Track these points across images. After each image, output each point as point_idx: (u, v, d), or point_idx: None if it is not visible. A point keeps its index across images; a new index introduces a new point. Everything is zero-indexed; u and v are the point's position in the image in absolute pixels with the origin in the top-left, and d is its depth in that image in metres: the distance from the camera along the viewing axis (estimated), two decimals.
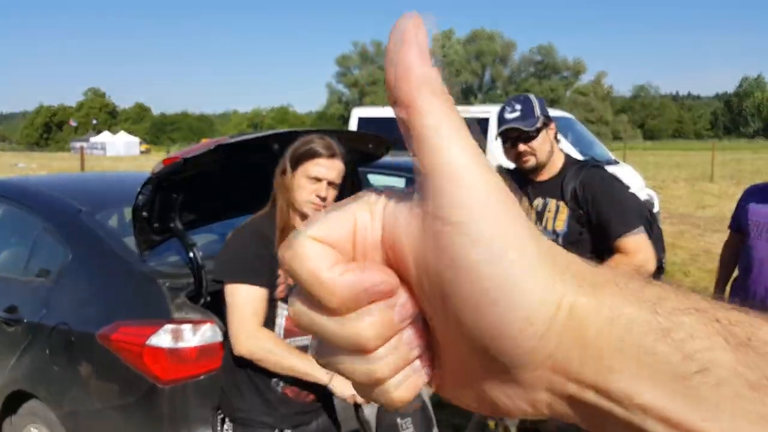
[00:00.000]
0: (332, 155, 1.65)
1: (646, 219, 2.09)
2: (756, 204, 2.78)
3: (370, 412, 1.64)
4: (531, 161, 2.08)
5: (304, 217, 1.65)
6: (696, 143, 55.12)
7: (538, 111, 2.06)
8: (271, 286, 1.62)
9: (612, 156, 10.01)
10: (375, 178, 5.99)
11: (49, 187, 2.89)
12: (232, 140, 1.89)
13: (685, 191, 16.50)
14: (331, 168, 1.65)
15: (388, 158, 6.14)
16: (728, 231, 2.98)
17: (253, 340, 1.55)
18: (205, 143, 1.94)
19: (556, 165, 2.13)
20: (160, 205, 2.09)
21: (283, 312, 1.63)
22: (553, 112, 10.75)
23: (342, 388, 1.55)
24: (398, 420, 1.64)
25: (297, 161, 1.65)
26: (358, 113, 11.10)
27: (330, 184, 1.66)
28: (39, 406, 2.37)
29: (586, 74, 69.20)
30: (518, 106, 2.07)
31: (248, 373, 1.62)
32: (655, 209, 8.32)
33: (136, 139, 64.58)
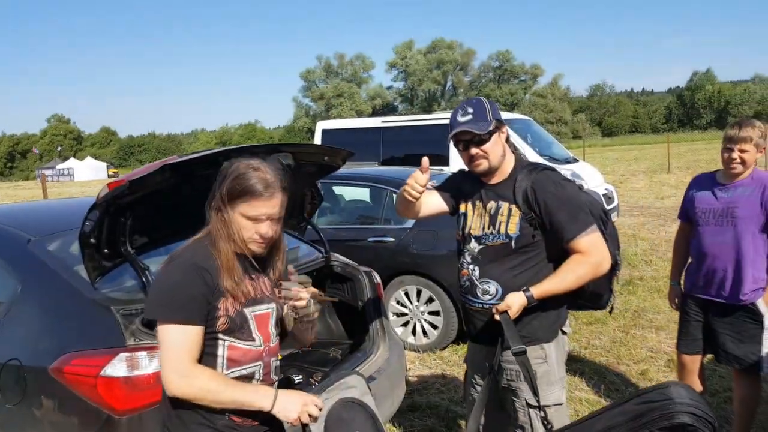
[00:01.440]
0: (271, 195, 1.53)
1: (600, 218, 2.12)
2: (700, 192, 2.88)
3: (317, 429, 1.60)
4: (483, 165, 2.08)
5: (250, 251, 1.59)
6: (652, 137, 56.70)
7: (490, 114, 2.05)
8: (209, 319, 1.51)
9: (571, 154, 10.23)
10: (340, 189, 5.99)
11: None
12: (178, 159, 1.85)
13: (644, 184, 16.95)
14: (271, 207, 1.54)
15: (353, 169, 6.14)
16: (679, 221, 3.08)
17: (185, 380, 1.45)
18: (152, 164, 1.90)
19: (507, 168, 2.15)
20: (108, 230, 2.04)
21: (225, 343, 1.54)
22: (511, 116, 10.98)
23: (286, 413, 1.49)
24: None
25: (232, 200, 1.53)
26: (322, 125, 11.18)
27: (271, 219, 1.56)
28: None
29: (544, 77, 70.75)
30: (470, 110, 2.05)
31: (191, 404, 1.51)
32: (615, 203, 8.52)
33: (103, 164, 63.21)
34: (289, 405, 1.50)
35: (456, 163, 6.69)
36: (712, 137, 47.12)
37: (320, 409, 1.54)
